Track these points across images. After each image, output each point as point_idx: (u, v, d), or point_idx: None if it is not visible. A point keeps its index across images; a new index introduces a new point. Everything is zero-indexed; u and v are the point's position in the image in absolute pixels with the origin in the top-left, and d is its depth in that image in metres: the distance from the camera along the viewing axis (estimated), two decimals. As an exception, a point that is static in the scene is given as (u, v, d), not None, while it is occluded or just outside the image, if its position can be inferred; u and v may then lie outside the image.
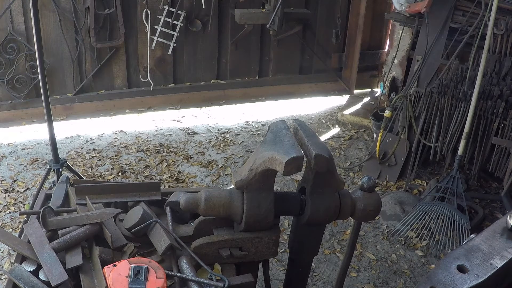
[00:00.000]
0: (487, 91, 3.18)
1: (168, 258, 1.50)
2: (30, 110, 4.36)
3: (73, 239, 1.46)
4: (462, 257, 1.17)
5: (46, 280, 1.35)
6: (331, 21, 5.15)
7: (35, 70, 4.16)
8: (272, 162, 1.37)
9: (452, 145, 3.33)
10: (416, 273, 2.89)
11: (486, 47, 3.08)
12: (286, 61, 5.24)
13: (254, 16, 4.53)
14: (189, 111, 4.86)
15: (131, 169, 3.79)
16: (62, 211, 1.65)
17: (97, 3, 4.22)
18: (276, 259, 2.90)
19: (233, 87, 5.11)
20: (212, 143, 4.27)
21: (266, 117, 4.86)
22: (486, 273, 1.12)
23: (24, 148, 4.00)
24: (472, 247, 1.20)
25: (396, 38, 4.87)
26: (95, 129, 4.39)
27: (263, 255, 1.59)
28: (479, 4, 3.43)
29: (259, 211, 1.48)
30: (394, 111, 3.74)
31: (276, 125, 1.55)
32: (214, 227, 1.59)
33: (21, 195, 3.38)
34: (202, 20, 4.67)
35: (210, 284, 1.40)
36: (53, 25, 4.24)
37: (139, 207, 1.60)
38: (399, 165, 3.76)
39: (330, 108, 5.14)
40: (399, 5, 3.90)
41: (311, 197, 1.53)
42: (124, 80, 4.73)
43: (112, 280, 1.28)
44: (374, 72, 5.53)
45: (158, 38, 4.55)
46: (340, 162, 4.08)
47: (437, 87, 3.38)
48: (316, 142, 1.47)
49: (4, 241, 1.49)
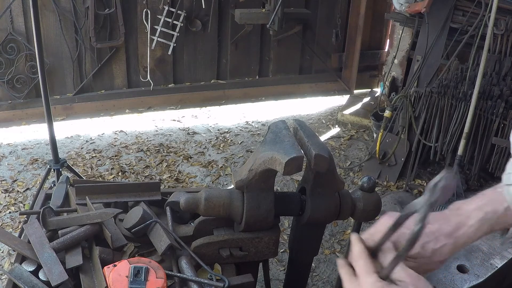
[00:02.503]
0: (487, 91, 3.18)
1: (168, 258, 1.50)
2: (30, 110, 4.36)
3: (73, 239, 1.46)
4: (462, 257, 1.17)
5: (46, 280, 1.35)
6: (331, 21, 5.15)
7: (35, 70, 4.15)
8: (272, 162, 1.37)
9: (452, 145, 3.33)
10: (416, 273, 2.89)
11: (486, 47, 3.08)
12: (286, 61, 5.24)
13: (254, 16, 4.53)
14: (189, 111, 4.86)
15: (131, 169, 3.79)
16: (62, 211, 1.65)
17: (97, 3, 4.22)
18: (276, 259, 2.90)
19: (233, 87, 5.11)
20: (212, 143, 4.27)
21: (266, 117, 4.86)
22: (486, 273, 1.13)
23: (24, 148, 4.00)
24: (472, 247, 1.20)
25: (396, 38, 4.87)
26: (95, 129, 4.39)
27: (263, 255, 1.59)
28: (479, 4, 3.43)
29: (259, 211, 1.48)
30: (394, 111, 3.74)
31: (276, 125, 1.55)
32: (214, 227, 1.58)
33: (21, 195, 3.38)
34: (202, 20, 4.67)
35: (210, 284, 1.40)
36: (53, 25, 4.24)
37: (139, 207, 1.59)
38: (399, 165, 3.76)
39: (330, 108, 5.14)
40: (399, 5, 3.90)
41: (311, 197, 1.53)
42: (124, 80, 4.73)
43: (112, 280, 1.28)
44: (374, 72, 5.53)
45: (158, 38, 4.55)
46: (340, 162, 4.08)
47: (437, 87, 3.38)
48: (316, 142, 1.47)
49: (4, 241, 1.49)
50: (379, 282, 0.79)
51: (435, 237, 0.91)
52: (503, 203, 0.90)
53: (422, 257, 0.91)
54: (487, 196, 0.93)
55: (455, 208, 0.95)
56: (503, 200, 0.90)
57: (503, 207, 0.90)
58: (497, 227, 0.92)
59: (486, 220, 0.91)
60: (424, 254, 0.91)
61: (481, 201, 0.92)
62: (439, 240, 0.91)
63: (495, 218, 0.91)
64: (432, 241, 0.91)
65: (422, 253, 0.91)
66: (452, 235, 0.92)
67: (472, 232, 0.91)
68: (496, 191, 0.92)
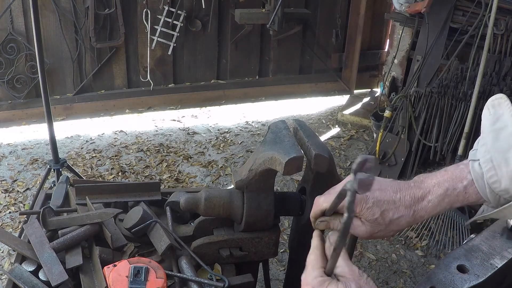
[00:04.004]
0: (487, 91, 3.18)
1: (168, 258, 1.50)
2: (30, 110, 4.36)
3: (73, 239, 1.46)
4: (462, 257, 1.17)
5: (46, 280, 1.35)
6: (331, 21, 5.15)
7: (35, 70, 4.15)
8: (272, 162, 1.37)
9: (452, 145, 3.33)
10: (416, 273, 2.89)
11: (486, 47, 3.08)
12: (286, 61, 5.24)
13: (254, 16, 4.53)
14: (189, 111, 4.86)
15: (131, 169, 3.79)
16: (62, 211, 1.65)
17: (97, 3, 4.22)
18: (276, 259, 2.90)
19: (233, 87, 5.11)
20: (212, 143, 4.27)
21: (266, 117, 4.86)
22: (486, 273, 1.12)
23: (24, 148, 4.00)
24: (472, 247, 1.20)
25: (396, 38, 4.87)
26: (95, 129, 4.39)
27: (263, 255, 1.59)
28: (479, 4, 3.43)
29: (259, 211, 1.48)
30: (394, 111, 3.74)
31: (276, 125, 1.55)
32: (214, 227, 1.58)
33: (21, 195, 3.38)
34: (202, 20, 4.67)
35: (210, 284, 1.40)
36: (53, 25, 4.24)
37: (139, 207, 1.59)
38: (399, 165, 3.76)
39: (330, 108, 5.14)
40: (399, 5, 3.90)
41: (311, 197, 1.53)
42: (124, 80, 4.73)
43: (112, 280, 1.28)
44: (374, 72, 5.53)
45: (158, 38, 4.55)
46: (340, 162, 4.08)
47: (437, 87, 3.38)
48: (316, 142, 1.47)
49: (4, 241, 1.49)
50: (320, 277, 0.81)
51: (395, 207, 0.92)
52: (463, 181, 0.91)
53: (379, 224, 0.92)
54: (449, 173, 0.93)
55: (419, 181, 0.95)
56: (463, 177, 0.91)
57: (463, 184, 0.90)
58: (456, 204, 0.93)
59: (445, 196, 0.91)
60: (382, 221, 0.92)
61: (442, 177, 0.93)
62: (398, 210, 0.92)
63: (454, 195, 0.91)
64: (392, 210, 0.92)
65: (379, 220, 0.92)
66: (411, 207, 0.92)
67: (430, 207, 0.92)
68: (459, 168, 0.93)
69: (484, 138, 0.89)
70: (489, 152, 0.86)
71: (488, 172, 0.86)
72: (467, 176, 0.90)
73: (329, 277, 0.81)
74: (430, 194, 0.92)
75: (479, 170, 0.88)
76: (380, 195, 0.92)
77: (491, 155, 0.86)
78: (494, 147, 0.86)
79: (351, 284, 0.78)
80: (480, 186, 0.89)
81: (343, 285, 0.78)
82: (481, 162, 0.88)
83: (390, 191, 0.93)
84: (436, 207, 0.92)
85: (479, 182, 0.88)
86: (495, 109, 0.89)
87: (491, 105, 0.91)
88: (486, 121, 0.90)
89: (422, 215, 0.93)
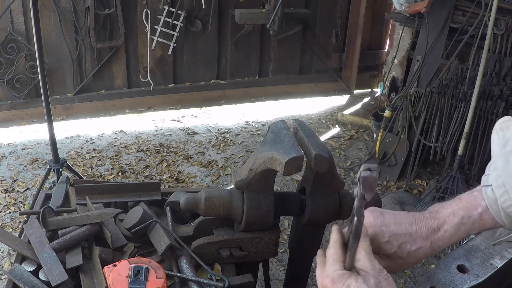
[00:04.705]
0: (487, 91, 3.18)
1: (168, 258, 1.50)
2: (30, 110, 4.36)
3: (73, 239, 1.46)
4: (462, 257, 1.17)
5: (46, 280, 1.35)
6: (331, 21, 5.14)
7: (35, 70, 4.15)
8: (272, 162, 1.37)
9: (452, 145, 3.33)
10: (416, 273, 2.89)
11: (486, 47, 3.08)
12: (286, 61, 5.24)
13: (254, 16, 4.53)
14: (189, 111, 4.86)
15: (131, 169, 3.79)
16: (62, 211, 1.65)
17: (97, 3, 4.22)
18: (276, 259, 2.90)
19: (233, 87, 5.11)
20: (212, 143, 4.27)
21: (266, 117, 4.86)
22: (486, 273, 1.12)
23: (24, 148, 4.00)
24: (472, 247, 1.20)
25: (396, 38, 4.87)
26: (95, 129, 4.39)
27: (263, 255, 1.59)
28: (479, 4, 3.42)
29: (259, 211, 1.48)
30: (394, 111, 3.74)
31: (276, 125, 1.55)
32: (214, 227, 1.58)
33: (21, 195, 3.38)
34: (202, 20, 4.67)
35: (210, 284, 1.40)
36: (53, 25, 4.24)
37: (139, 207, 1.59)
38: (399, 165, 3.76)
39: (330, 108, 5.14)
40: (399, 5, 3.90)
41: (311, 197, 1.53)
42: (124, 80, 4.73)
43: (112, 280, 1.28)
44: (374, 72, 5.53)
45: (158, 38, 4.55)
46: (340, 162, 4.08)
47: (437, 87, 3.38)
48: (316, 142, 1.47)
49: (4, 241, 1.49)
50: (339, 270, 0.82)
51: (412, 239, 0.92)
52: (477, 208, 0.90)
53: (398, 257, 0.93)
54: (463, 201, 0.93)
55: (434, 211, 0.95)
56: (477, 205, 0.90)
57: (478, 212, 0.90)
58: (473, 232, 0.93)
59: (461, 224, 0.91)
60: (400, 254, 0.92)
61: (457, 206, 0.92)
62: (415, 242, 0.92)
63: (470, 223, 0.91)
64: (409, 243, 0.92)
65: (398, 253, 0.92)
66: (428, 238, 0.92)
67: (447, 237, 0.92)
68: (472, 195, 0.92)
69: (495, 163, 0.88)
70: (501, 177, 0.86)
71: (501, 197, 0.86)
72: (481, 203, 0.90)
73: (349, 271, 0.82)
74: (446, 224, 0.92)
75: (492, 196, 0.87)
76: (396, 228, 0.92)
77: (503, 180, 0.85)
78: (505, 171, 0.85)
79: (370, 279, 0.79)
80: (495, 212, 0.88)
81: (363, 279, 0.79)
82: (494, 187, 0.87)
83: (406, 224, 0.93)
84: (452, 237, 0.92)
85: (494, 208, 0.88)
86: (504, 132, 0.89)
87: (499, 128, 0.90)
88: (496, 145, 0.89)
89: (439, 245, 0.93)
